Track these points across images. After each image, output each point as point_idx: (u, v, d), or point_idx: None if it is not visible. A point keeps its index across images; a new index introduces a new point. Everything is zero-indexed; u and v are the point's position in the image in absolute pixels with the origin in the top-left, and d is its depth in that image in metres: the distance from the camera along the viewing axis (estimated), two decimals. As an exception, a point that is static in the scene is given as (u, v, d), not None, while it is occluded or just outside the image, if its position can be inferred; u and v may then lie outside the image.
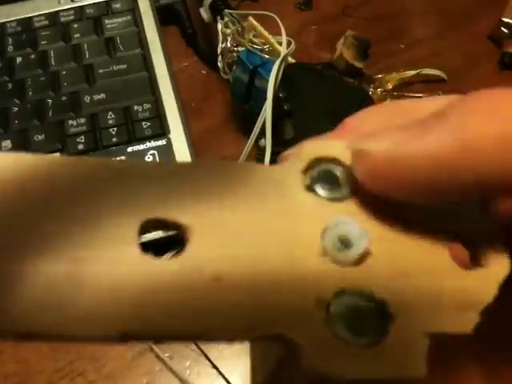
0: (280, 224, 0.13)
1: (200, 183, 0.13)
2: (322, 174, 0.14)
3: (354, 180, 0.14)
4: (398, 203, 0.14)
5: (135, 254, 0.12)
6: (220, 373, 0.36)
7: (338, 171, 0.14)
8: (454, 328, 0.13)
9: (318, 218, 0.14)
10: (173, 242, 0.13)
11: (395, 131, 0.13)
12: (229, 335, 0.12)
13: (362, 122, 0.15)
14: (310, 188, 0.14)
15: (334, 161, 0.14)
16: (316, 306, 0.12)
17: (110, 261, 0.12)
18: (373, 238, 0.13)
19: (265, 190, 0.14)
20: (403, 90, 0.48)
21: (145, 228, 0.13)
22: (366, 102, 0.41)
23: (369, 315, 0.12)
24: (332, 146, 0.15)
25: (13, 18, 0.50)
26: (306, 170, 0.14)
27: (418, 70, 0.49)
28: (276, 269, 0.13)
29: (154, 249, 0.13)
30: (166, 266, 0.12)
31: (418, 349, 0.12)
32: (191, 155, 0.42)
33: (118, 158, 0.40)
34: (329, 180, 0.14)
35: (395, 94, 0.48)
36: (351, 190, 0.14)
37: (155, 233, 0.33)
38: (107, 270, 0.12)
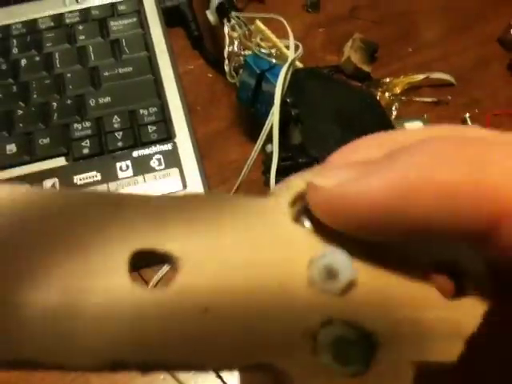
0: (268, 255, 0.14)
1: (190, 215, 0.14)
2: (308, 208, 0.14)
3: None
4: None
5: (126, 284, 0.12)
6: (224, 382, 0.35)
7: None
8: (439, 357, 0.13)
9: (305, 248, 0.14)
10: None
11: (350, 167, 0.14)
12: (217, 365, 0.12)
13: (348, 155, 0.15)
14: (297, 220, 0.14)
15: None
16: (304, 336, 0.13)
17: (101, 291, 0.12)
18: (359, 267, 0.14)
19: (253, 222, 0.14)
20: (411, 94, 0.48)
21: (135, 258, 0.13)
22: (374, 106, 0.40)
23: (355, 345, 0.13)
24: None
25: (18, 20, 0.49)
26: (293, 203, 0.15)
27: (426, 74, 0.48)
28: (264, 300, 0.13)
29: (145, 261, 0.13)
30: (156, 297, 0.12)
31: (403, 378, 0.12)
32: (197, 160, 0.41)
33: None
34: None
35: (403, 98, 0.47)
36: None
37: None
38: (98, 301, 0.12)
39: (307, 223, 0.14)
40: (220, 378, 0.35)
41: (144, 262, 0.13)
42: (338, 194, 0.13)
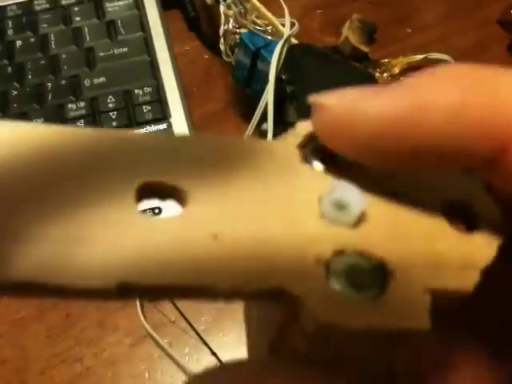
0: (278, 192, 0.14)
1: (199, 154, 0.14)
2: (317, 149, 0.14)
3: None
4: (389, 171, 0.14)
5: (134, 212, 0.12)
6: (219, 360, 0.35)
7: None
8: (454, 285, 0.13)
9: (315, 186, 0.14)
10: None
11: (358, 89, 0.13)
12: (227, 289, 0.12)
13: None
14: (306, 161, 0.14)
15: None
16: (316, 264, 0.12)
17: (110, 220, 0.12)
18: (369, 201, 0.13)
19: (262, 161, 0.14)
20: (410, 74, 0.47)
21: (143, 192, 0.13)
22: (371, 84, 0.40)
23: (368, 272, 0.13)
24: None
25: (13, 1, 0.49)
26: (302, 145, 0.15)
27: (425, 55, 0.48)
28: (274, 229, 0.13)
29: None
30: (165, 223, 0.13)
31: (419, 303, 0.12)
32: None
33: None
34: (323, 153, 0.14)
35: (401, 78, 0.47)
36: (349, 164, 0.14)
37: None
38: (105, 227, 0.12)
39: (317, 164, 0.14)
40: (215, 354, 0.35)
41: (151, 195, 0.13)
42: (344, 111, 0.13)
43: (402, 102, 0.12)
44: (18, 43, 0.47)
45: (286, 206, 0.13)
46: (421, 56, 0.47)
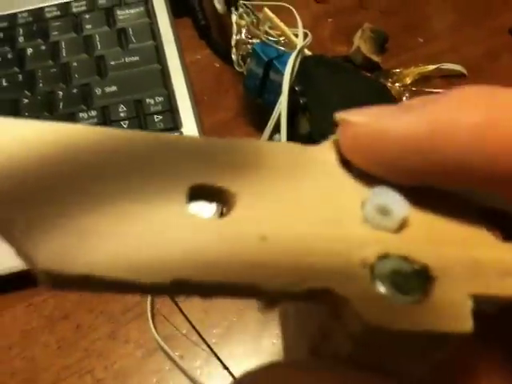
0: (322, 195, 0.14)
1: (240, 156, 0.14)
2: None
3: None
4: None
5: (186, 214, 0.13)
6: (230, 373, 0.35)
7: None
8: (496, 291, 0.13)
9: (357, 190, 0.14)
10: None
11: (381, 108, 0.14)
12: (276, 289, 0.12)
13: None
14: (346, 164, 0.15)
15: None
16: (361, 266, 0.13)
17: (164, 219, 0.13)
18: (412, 207, 0.14)
19: (305, 166, 0.15)
20: (422, 84, 0.47)
21: (191, 194, 0.14)
22: (384, 96, 0.39)
23: (412, 276, 0.13)
24: None
25: (24, 9, 0.49)
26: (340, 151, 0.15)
27: (437, 65, 0.47)
28: (320, 232, 0.13)
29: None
30: (215, 224, 0.13)
31: (463, 307, 0.13)
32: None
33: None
34: None
35: (413, 88, 0.46)
36: None
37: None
38: (162, 226, 0.13)
39: (356, 169, 0.15)
40: (226, 368, 0.34)
41: (201, 197, 0.14)
42: (369, 129, 0.13)
43: (425, 121, 0.12)
44: (29, 51, 0.46)
45: (331, 209, 0.14)
46: (433, 66, 0.47)
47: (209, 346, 0.36)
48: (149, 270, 0.12)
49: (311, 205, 0.14)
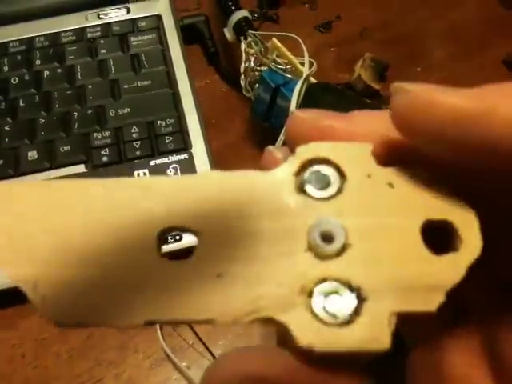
0: (271, 224, 0.16)
1: (201, 193, 0.16)
2: (312, 175, 0.16)
3: (341, 178, 0.16)
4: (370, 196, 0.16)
5: (155, 258, 0.15)
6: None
7: (328, 171, 0.16)
8: (419, 308, 0.15)
9: (305, 217, 0.16)
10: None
11: (434, 85, 0.15)
12: (229, 319, 0.14)
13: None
14: (300, 189, 0.16)
15: (325, 161, 0.16)
16: (300, 294, 0.15)
17: (133, 265, 0.15)
18: (353, 231, 0.15)
19: (260, 195, 0.16)
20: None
21: (162, 236, 0.15)
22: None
23: (345, 299, 0.15)
24: (323, 147, 0.16)
25: (41, 33, 0.51)
26: (298, 172, 0.16)
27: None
28: (271, 265, 0.15)
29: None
30: (182, 265, 0.15)
31: (385, 326, 0.14)
32: (212, 170, 0.43)
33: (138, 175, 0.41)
34: (319, 180, 0.16)
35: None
36: (339, 188, 0.16)
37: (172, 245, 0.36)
38: (136, 273, 0.15)
39: (311, 191, 0.16)
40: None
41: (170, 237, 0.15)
42: (424, 96, 0.14)
43: (473, 101, 0.14)
44: (46, 73, 0.49)
45: (278, 238, 0.15)
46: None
47: (214, 357, 0.37)
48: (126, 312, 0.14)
49: (267, 237, 0.15)
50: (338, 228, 0.15)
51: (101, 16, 0.52)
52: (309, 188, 0.16)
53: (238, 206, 0.16)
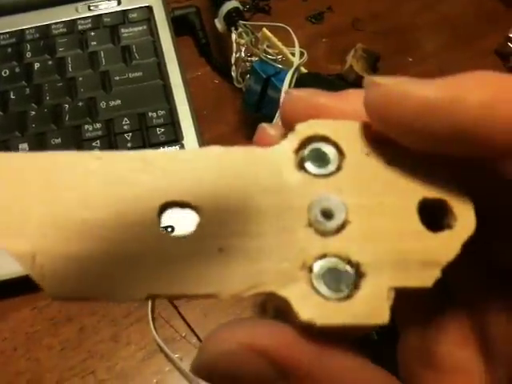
0: (272, 200, 0.16)
1: (202, 168, 0.16)
2: (312, 153, 0.16)
3: (340, 156, 0.16)
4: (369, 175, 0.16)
5: (155, 229, 0.15)
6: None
7: (327, 149, 0.16)
8: (416, 283, 0.15)
9: (305, 193, 0.16)
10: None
11: (405, 78, 0.15)
12: (233, 294, 0.14)
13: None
14: (300, 166, 0.16)
15: (324, 139, 0.17)
16: (301, 269, 0.15)
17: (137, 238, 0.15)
18: (352, 208, 0.16)
19: (260, 171, 0.16)
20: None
21: (163, 209, 0.15)
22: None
23: (344, 274, 0.15)
24: (322, 125, 0.17)
25: (31, 25, 0.51)
26: (298, 149, 0.16)
27: (425, 84, 0.50)
28: (271, 240, 0.15)
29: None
30: (183, 240, 0.15)
31: (384, 301, 0.14)
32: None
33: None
34: (318, 157, 0.16)
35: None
36: (338, 165, 0.16)
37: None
38: (134, 244, 0.15)
39: (310, 168, 0.16)
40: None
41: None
42: (395, 89, 0.15)
43: (442, 91, 0.14)
44: (36, 65, 0.48)
45: (279, 213, 0.15)
46: (422, 85, 0.49)
47: (207, 348, 0.37)
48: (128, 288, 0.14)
49: (268, 212, 0.15)
50: (338, 205, 0.15)
51: (91, 8, 0.52)
52: (308, 165, 0.16)
53: (238, 181, 0.16)
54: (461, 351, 0.17)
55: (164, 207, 0.15)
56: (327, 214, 0.15)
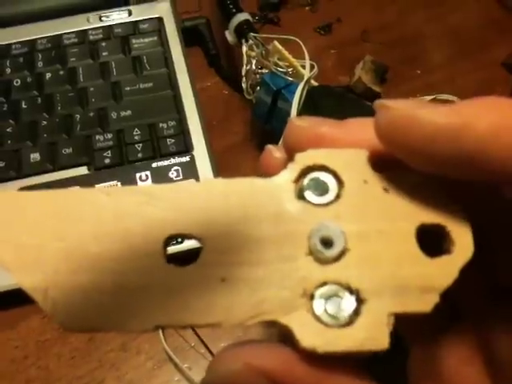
0: (272, 229, 0.16)
1: (205, 200, 0.16)
2: (311, 182, 0.17)
3: (339, 184, 0.17)
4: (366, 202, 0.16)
5: (161, 263, 0.15)
6: None
7: (326, 178, 0.17)
8: (415, 308, 0.15)
9: (305, 222, 0.16)
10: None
11: (416, 101, 0.16)
12: (234, 322, 0.15)
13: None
14: (300, 195, 0.17)
15: (323, 168, 0.17)
16: (302, 297, 0.15)
17: (139, 269, 0.16)
18: (351, 235, 0.16)
19: (261, 201, 0.16)
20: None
21: (168, 241, 0.16)
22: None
23: (345, 301, 0.15)
24: (320, 154, 0.17)
25: (43, 35, 0.52)
26: (297, 179, 0.17)
27: (433, 95, 0.50)
28: (270, 268, 0.15)
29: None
30: (188, 271, 0.15)
31: (383, 327, 0.15)
32: (213, 171, 0.43)
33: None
34: (317, 186, 0.17)
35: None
36: (337, 194, 0.17)
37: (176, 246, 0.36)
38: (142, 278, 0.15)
39: (310, 197, 0.17)
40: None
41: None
42: (405, 113, 0.15)
43: (450, 117, 0.14)
44: (48, 75, 0.49)
45: (280, 242, 0.16)
46: (430, 97, 0.50)
47: (216, 359, 0.37)
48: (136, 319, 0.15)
49: (269, 242, 0.16)
50: (337, 233, 0.16)
51: (102, 18, 0.53)
52: (308, 194, 0.17)
53: (240, 212, 0.16)
54: (467, 368, 0.17)
55: (169, 239, 0.16)
56: (327, 243, 0.16)
